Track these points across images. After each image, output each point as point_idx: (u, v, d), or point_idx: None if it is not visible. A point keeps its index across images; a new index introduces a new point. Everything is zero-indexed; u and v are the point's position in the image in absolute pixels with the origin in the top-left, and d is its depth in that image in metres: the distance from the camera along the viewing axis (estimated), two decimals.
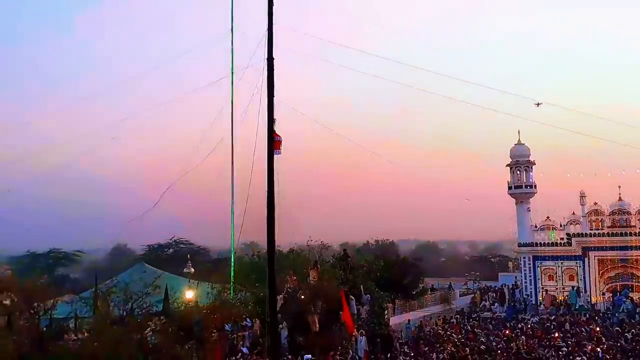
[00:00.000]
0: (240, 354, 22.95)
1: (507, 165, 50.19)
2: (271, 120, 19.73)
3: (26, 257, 68.28)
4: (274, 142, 19.68)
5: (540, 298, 47.08)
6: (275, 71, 19.97)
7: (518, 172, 49.63)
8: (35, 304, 19.29)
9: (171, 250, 70.16)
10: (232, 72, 23.65)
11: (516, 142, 50.24)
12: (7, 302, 19.26)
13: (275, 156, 19.69)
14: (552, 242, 48.32)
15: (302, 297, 25.90)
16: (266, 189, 19.71)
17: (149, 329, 17.68)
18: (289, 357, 21.19)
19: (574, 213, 48.42)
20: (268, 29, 20.16)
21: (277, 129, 19.71)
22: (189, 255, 45.83)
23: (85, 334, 17.54)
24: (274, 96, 19.76)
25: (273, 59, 20.13)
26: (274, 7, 20.28)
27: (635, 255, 45.34)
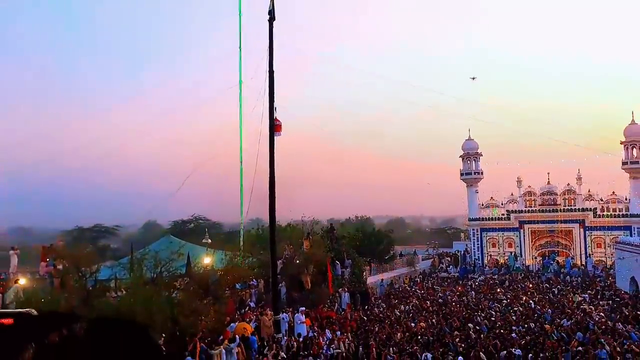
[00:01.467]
0: (248, 307, 22.98)
1: (460, 157, 50.37)
2: (272, 108, 19.55)
3: (75, 230, 67.77)
4: (275, 126, 19.50)
5: (486, 261, 47.53)
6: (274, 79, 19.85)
7: (468, 161, 49.83)
8: (83, 268, 19.15)
9: (192, 225, 69.74)
10: (240, 82, 23.50)
11: (467, 138, 50.42)
12: (60, 267, 19.14)
13: (276, 138, 19.55)
14: (495, 217, 48.71)
15: (297, 261, 25.91)
16: (268, 177, 19.64)
17: (175, 288, 17.62)
18: (288, 309, 21.21)
19: (512, 194, 48.77)
20: (269, 46, 19.98)
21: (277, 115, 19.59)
22: (206, 229, 45.63)
23: (124, 292, 17.46)
24: (274, 94, 19.64)
25: (273, 71, 20.01)
26: (274, 30, 20.09)
27: (561, 227, 45.77)
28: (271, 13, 19.93)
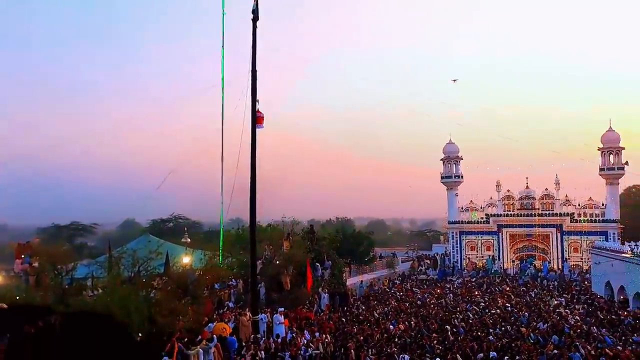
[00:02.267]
0: (226, 307, 22.85)
1: (440, 160, 50.80)
2: (254, 104, 19.45)
3: (52, 228, 66.71)
4: (257, 118, 19.38)
5: (465, 264, 47.98)
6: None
7: (449, 165, 50.28)
8: (59, 266, 18.89)
9: (171, 223, 69.19)
10: (223, 80, 23.29)
11: (448, 142, 50.85)
12: (36, 264, 18.84)
13: (258, 132, 19.44)
14: (474, 221, 49.21)
15: (277, 262, 25.84)
16: (250, 174, 19.54)
17: (152, 287, 17.45)
18: (266, 310, 21.14)
19: (491, 198, 49.34)
20: (252, 46, 19.89)
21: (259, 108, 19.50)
22: (185, 228, 45.35)
23: (100, 291, 17.24)
24: (256, 92, 19.56)
25: (256, 70, 19.92)
26: (257, 30, 20.00)
27: (538, 232, 46.45)
28: (255, 12, 19.84)
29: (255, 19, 19.87)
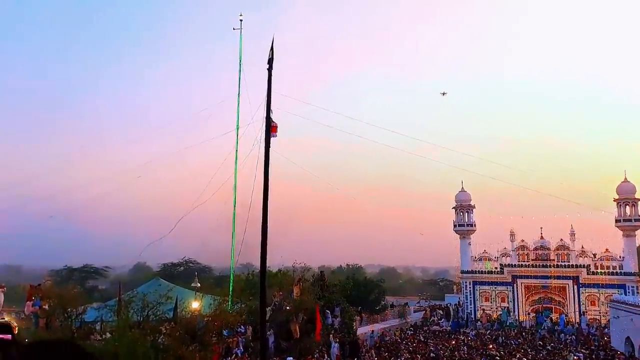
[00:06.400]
0: (234, 355, 22.51)
1: (453, 208, 50.59)
2: (268, 146, 19.56)
3: (64, 270, 66.90)
4: (271, 127, 19.30)
5: (479, 315, 46.91)
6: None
7: (461, 213, 49.97)
8: (69, 309, 18.90)
9: (182, 268, 68.99)
10: (238, 127, 23.81)
11: (460, 190, 50.77)
12: (46, 307, 18.88)
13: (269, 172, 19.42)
14: (488, 270, 48.40)
15: (287, 308, 25.57)
16: (261, 217, 19.60)
17: (160, 332, 17.33)
18: (275, 359, 20.78)
19: (505, 248, 48.67)
20: (267, 94, 20.33)
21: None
22: (196, 273, 45.16)
23: (109, 335, 17.16)
24: (270, 142, 19.80)
25: (271, 118, 20.27)
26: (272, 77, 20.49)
27: (554, 283, 45.50)
28: (270, 62, 20.37)
29: (270, 68, 20.40)
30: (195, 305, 22.78)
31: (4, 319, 17.39)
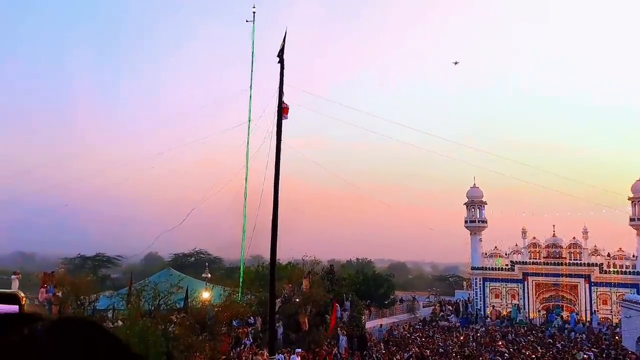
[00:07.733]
0: (244, 345, 22.69)
1: (464, 204, 50.33)
2: (279, 140, 19.59)
3: (77, 258, 67.72)
4: (282, 109, 19.33)
5: (488, 312, 46.74)
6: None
7: (473, 209, 49.69)
8: (82, 296, 19.17)
9: (193, 258, 69.56)
10: (250, 119, 23.89)
11: (472, 186, 50.46)
12: (60, 294, 19.16)
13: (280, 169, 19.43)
14: (499, 267, 48.13)
15: (296, 301, 25.70)
16: (272, 210, 19.69)
17: (171, 321, 17.52)
18: (284, 350, 20.91)
19: (516, 245, 48.35)
20: (279, 87, 20.38)
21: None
22: (207, 264, 45.50)
23: (120, 323, 17.38)
24: (281, 134, 19.85)
25: (282, 113, 20.31)
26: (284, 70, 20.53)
27: (566, 281, 45.17)
28: (280, 56, 20.35)
29: (281, 62, 20.44)
30: (205, 295, 22.99)
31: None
